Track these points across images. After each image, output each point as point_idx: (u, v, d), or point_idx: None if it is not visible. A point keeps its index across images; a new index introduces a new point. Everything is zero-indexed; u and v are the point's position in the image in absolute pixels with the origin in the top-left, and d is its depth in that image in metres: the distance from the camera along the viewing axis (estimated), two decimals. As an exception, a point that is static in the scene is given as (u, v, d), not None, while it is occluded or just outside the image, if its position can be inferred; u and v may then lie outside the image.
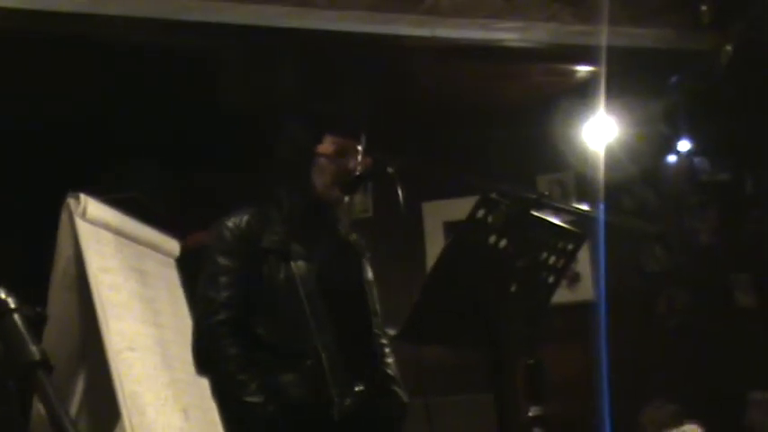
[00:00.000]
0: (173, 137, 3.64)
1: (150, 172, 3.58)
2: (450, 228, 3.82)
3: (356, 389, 1.83)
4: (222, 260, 1.86)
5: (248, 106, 3.42)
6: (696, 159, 3.85)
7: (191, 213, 3.51)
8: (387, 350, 2.00)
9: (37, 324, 0.97)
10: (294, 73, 3.29)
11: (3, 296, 0.97)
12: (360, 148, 1.93)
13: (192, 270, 2.98)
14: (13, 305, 0.96)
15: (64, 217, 2.53)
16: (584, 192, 3.79)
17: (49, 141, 3.42)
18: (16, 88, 3.16)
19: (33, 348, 0.93)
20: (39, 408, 2.25)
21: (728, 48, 3.07)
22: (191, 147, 3.78)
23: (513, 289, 1.64)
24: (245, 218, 1.90)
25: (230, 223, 1.89)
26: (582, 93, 3.45)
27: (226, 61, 3.23)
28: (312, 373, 1.79)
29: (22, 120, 3.35)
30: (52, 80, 3.22)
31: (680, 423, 3.16)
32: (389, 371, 1.97)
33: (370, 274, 2.03)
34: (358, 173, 1.92)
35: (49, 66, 3.11)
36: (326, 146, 1.92)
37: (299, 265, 1.86)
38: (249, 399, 1.77)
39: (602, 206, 3.36)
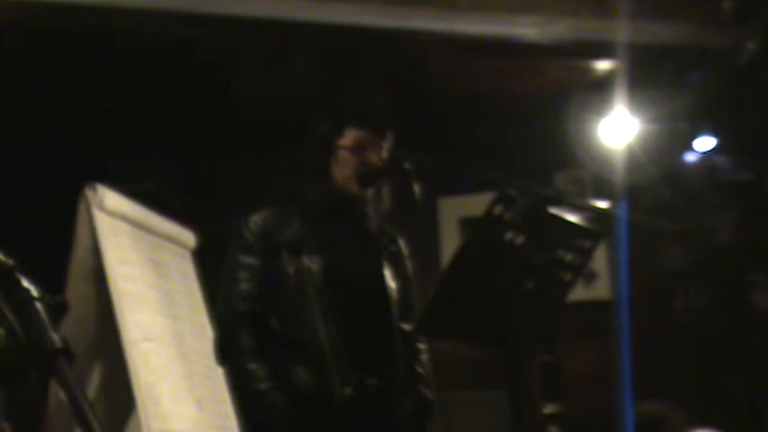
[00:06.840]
0: (186, 131, 3.65)
1: (163, 165, 3.60)
2: (467, 224, 3.81)
3: (367, 382, 1.84)
4: (241, 256, 1.92)
5: (264, 101, 3.42)
6: (717, 158, 3.80)
7: (203, 206, 3.54)
8: (421, 347, 2.00)
9: (58, 313, 0.98)
10: (309, 67, 3.28)
11: (25, 285, 0.98)
12: (383, 144, 1.93)
13: (208, 263, 3.00)
14: (35, 294, 0.97)
15: (82, 208, 2.55)
16: (602, 188, 3.75)
17: (67, 133, 3.45)
18: (29, 80, 3.18)
19: (55, 336, 0.94)
20: (56, 395, 2.27)
21: (751, 45, 3.02)
22: (202, 139, 3.79)
23: (529, 286, 1.63)
24: (265, 215, 1.96)
25: (251, 220, 1.95)
26: (600, 89, 3.42)
27: (241, 55, 3.22)
28: (316, 364, 1.84)
29: (39, 111, 3.37)
30: (67, 72, 3.24)
31: (696, 424, 3.13)
32: (420, 369, 1.97)
33: (408, 270, 2.03)
34: (376, 167, 1.92)
35: (63, 58, 3.13)
36: (347, 138, 1.93)
37: (311, 259, 1.89)
38: (258, 387, 1.83)
39: (623, 204, 3.33)
